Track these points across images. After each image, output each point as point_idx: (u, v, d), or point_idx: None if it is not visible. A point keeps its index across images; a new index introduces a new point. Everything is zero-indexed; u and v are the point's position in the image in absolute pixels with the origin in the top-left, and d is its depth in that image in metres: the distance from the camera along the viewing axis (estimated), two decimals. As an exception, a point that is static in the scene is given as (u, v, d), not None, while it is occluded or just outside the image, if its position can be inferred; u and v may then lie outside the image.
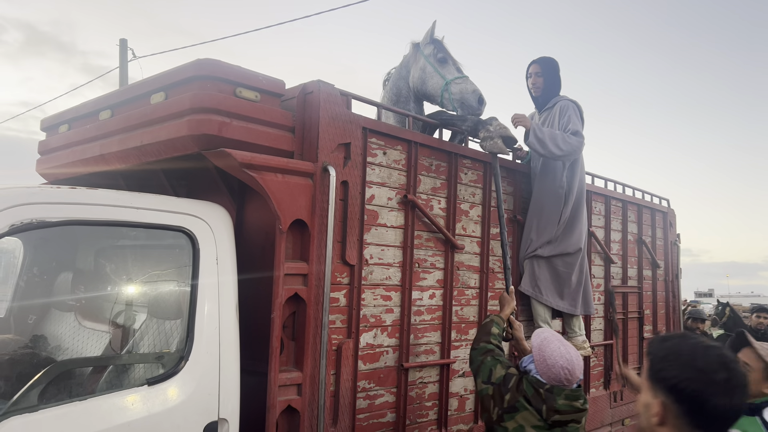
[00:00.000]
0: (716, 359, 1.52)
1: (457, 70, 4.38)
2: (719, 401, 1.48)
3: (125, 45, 14.55)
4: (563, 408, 2.66)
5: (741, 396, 1.51)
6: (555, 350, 2.74)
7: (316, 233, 3.10)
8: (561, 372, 2.69)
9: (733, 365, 1.53)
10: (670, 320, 6.72)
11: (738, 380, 1.51)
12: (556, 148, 4.35)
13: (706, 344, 1.59)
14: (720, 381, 1.49)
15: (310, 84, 3.22)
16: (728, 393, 1.49)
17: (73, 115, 3.77)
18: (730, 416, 1.51)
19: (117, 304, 3.15)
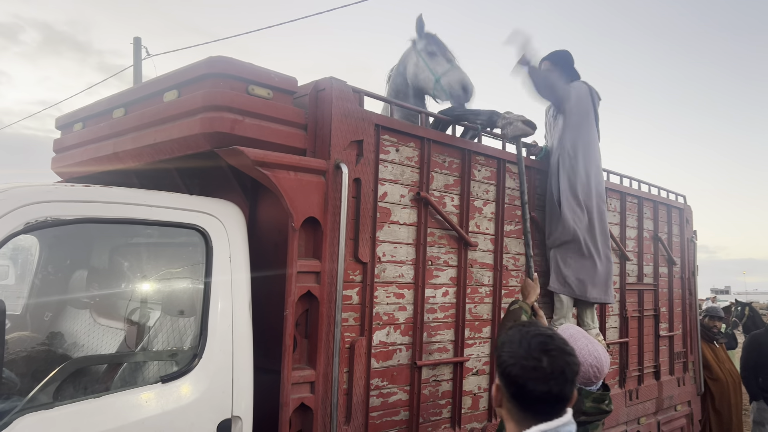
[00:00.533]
0: (538, 347, 1.62)
1: (447, 61, 4.40)
2: (537, 386, 1.58)
3: (139, 43, 14.64)
4: (590, 410, 2.65)
5: (559, 383, 1.58)
6: (583, 348, 2.69)
7: (328, 231, 3.09)
8: (590, 370, 2.66)
9: (555, 353, 1.61)
10: (686, 318, 6.64)
11: (556, 367, 1.59)
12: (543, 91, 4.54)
13: (537, 333, 1.68)
14: (538, 367, 1.58)
15: (322, 81, 3.21)
16: (545, 379, 1.58)
17: (87, 113, 3.79)
18: (550, 401, 1.59)
19: (131, 301, 3.16)
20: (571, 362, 1.64)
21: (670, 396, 6.05)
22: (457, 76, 4.31)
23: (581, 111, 4.61)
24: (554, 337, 1.68)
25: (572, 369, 1.63)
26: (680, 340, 6.48)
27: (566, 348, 1.66)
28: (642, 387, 5.66)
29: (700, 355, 6.79)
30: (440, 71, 4.35)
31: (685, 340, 6.59)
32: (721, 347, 7.31)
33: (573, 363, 1.64)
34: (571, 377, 1.62)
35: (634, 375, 5.62)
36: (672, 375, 6.19)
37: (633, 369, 5.59)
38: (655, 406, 5.82)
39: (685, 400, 6.40)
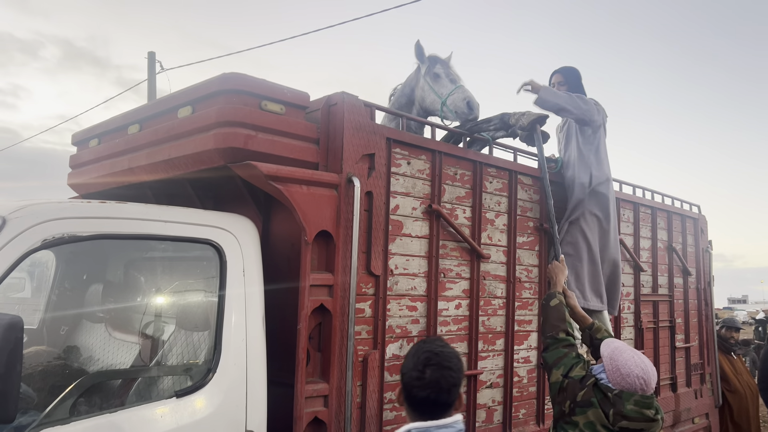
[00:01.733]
0: (423, 359, 2.02)
1: (451, 82, 4.48)
2: (418, 393, 2.00)
3: (153, 58, 14.83)
4: (632, 414, 2.63)
5: (435, 391, 1.98)
6: (629, 359, 2.70)
7: (341, 244, 3.11)
8: (636, 381, 2.65)
9: (434, 367, 1.99)
10: (702, 329, 6.56)
11: (433, 379, 1.98)
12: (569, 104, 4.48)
13: (426, 350, 2.07)
14: (420, 378, 1.99)
15: (334, 96, 3.24)
16: (423, 387, 1.99)
17: (103, 129, 3.85)
18: (429, 405, 1.99)
19: (146, 315, 3.19)
20: (446, 375, 2.00)
21: (687, 408, 5.97)
22: (462, 95, 4.36)
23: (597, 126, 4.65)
24: (440, 353, 2.05)
25: (447, 380, 2.00)
26: (697, 351, 6.40)
27: (445, 363, 2.02)
28: (659, 399, 5.59)
29: (718, 367, 6.69)
30: (445, 93, 4.43)
31: (702, 351, 6.51)
32: (738, 358, 7.21)
33: (449, 375, 2.01)
34: (446, 387, 1.99)
35: (650, 387, 5.56)
36: (689, 387, 6.11)
37: (649, 381, 5.53)
38: (672, 419, 5.74)
39: (703, 413, 6.31)
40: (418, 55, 4.63)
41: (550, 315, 3.36)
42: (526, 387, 4.22)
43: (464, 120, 4.33)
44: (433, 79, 4.52)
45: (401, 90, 4.85)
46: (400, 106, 4.76)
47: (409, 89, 4.75)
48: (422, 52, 4.61)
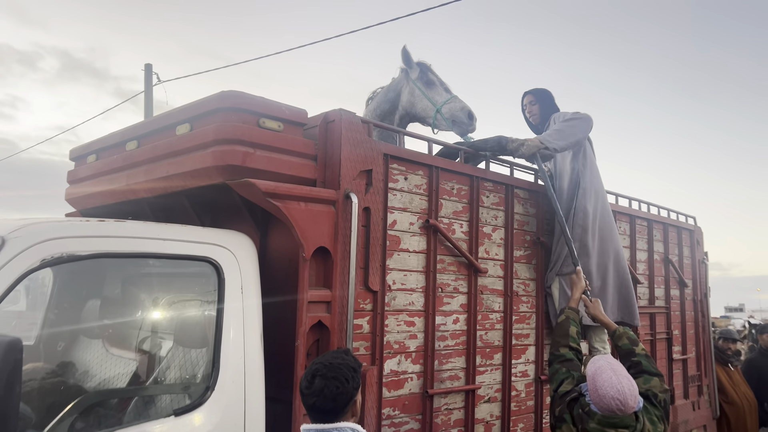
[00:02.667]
0: (312, 371, 2.27)
1: (446, 91, 4.51)
2: (306, 401, 2.25)
3: (150, 70, 14.87)
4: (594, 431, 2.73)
5: (320, 399, 2.20)
6: (606, 380, 2.73)
7: (339, 260, 3.12)
8: (612, 402, 2.68)
9: (319, 378, 2.22)
10: (699, 340, 6.57)
11: (314, 390, 2.22)
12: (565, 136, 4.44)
13: (317, 362, 2.30)
14: (308, 386, 2.24)
15: (331, 113, 3.26)
16: (308, 396, 2.24)
17: (101, 145, 3.86)
18: (317, 411, 2.24)
19: (143, 331, 3.19)
20: (330, 385, 2.21)
21: (685, 420, 5.97)
22: (460, 104, 4.40)
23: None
24: (329, 365, 2.27)
25: (331, 390, 2.20)
26: (694, 363, 6.41)
27: (329, 374, 2.23)
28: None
29: (715, 378, 6.70)
30: (440, 101, 4.44)
31: (699, 363, 6.52)
32: (736, 370, 7.21)
33: (332, 386, 2.21)
34: (330, 396, 2.20)
35: (648, 399, 5.56)
36: (687, 399, 6.12)
37: (647, 393, 5.53)
38: (670, 431, 5.74)
39: (701, 425, 6.31)
40: (405, 60, 4.63)
41: (555, 331, 3.48)
42: (524, 401, 4.22)
43: (462, 131, 4.35)
44: (426, 85, 4.52)
45: (383, 94, 4.81)
46: (382, 112, 4.75)
47: (394, 94, 4.72)
48: (410, 57, 4.62)
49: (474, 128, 4.35)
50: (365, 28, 10.34)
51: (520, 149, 4.13)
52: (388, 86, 4.84)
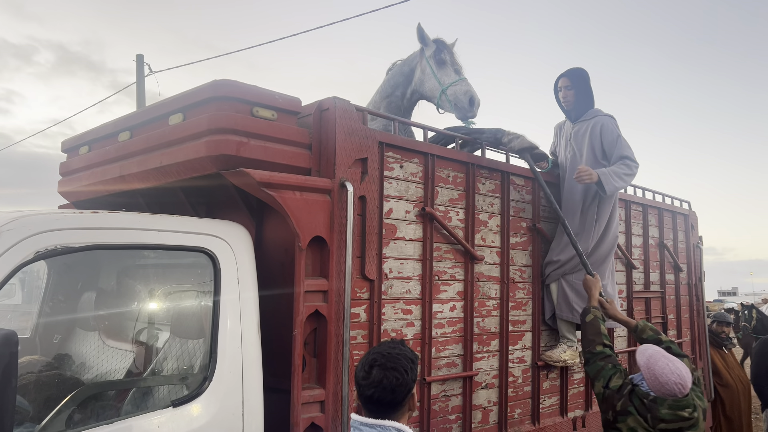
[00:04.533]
0: (370, 360, 2.15)
1: (455, 72, 4.42)
2: (364, 391, 2.13)
3: (141, 61, 14.75)
4: (667, 417, 2.85)
5: (378, 390, 2.09)
6: (664, 367, 2.89)
7: (335, 249, 3.11)
8: (675, 387, 2.86)
9: (378, 368, 2.10)
10: (694, 324, 6.62)
11: (376, 379, 2.09)
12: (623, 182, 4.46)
13: (374, 352, 2.20)
14: (366, 377, 2.12)
15: (325, 101, 3.23)
16: (368, 386, 2.11)
17: (93, 136, 3.82)
18: (374, 402, 2.12)
19: (140, 323, 3.18)
20: (390, 375, 2.10)
21: (680, 404, 6.02)
22: (464, 87, 4.32)
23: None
24: (387, 354, 2.16)
25: (390, 381, 2.09)
26: (689, 346, 6.46)
27: (389, 364, 2.12)
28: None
29: (710, 362, 6.75)
30: (447, 81, 4.37)
31: (694, 346, 6.57)
32: (730, 353, 7.27)
33: (392, 376, 2.10)
34: (389, 387, 2.09)
35: (644, 383, 5.60)
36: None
37: (642, 377, 5.57)
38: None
39: (696, 408, 6.36)
40: (421, 38, 4.54)
41: (587, 330, 3.52)
42: (521, 387, 4.24)
43: (462, 115, 4.30)
44: (438, 64, 4.43)
45: (399, 67, 4.75)
46: (396, 84, 4.70)
47: (409, 68, 4.66)
48: (424, 34, 4.52)
49: (474, 114, 4.29)
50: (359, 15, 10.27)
51: (513, 141, 4.10)
52: (405, 60, 4.77)
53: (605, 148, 4.55)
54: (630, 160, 4.46)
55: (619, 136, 4.53)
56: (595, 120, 4.63)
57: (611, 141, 4.51)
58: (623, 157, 4.47)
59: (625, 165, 4.44)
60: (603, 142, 4.55)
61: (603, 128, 4.56)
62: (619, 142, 4.51)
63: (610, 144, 4.52)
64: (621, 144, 4.50)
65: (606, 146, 4.54)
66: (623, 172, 4.42)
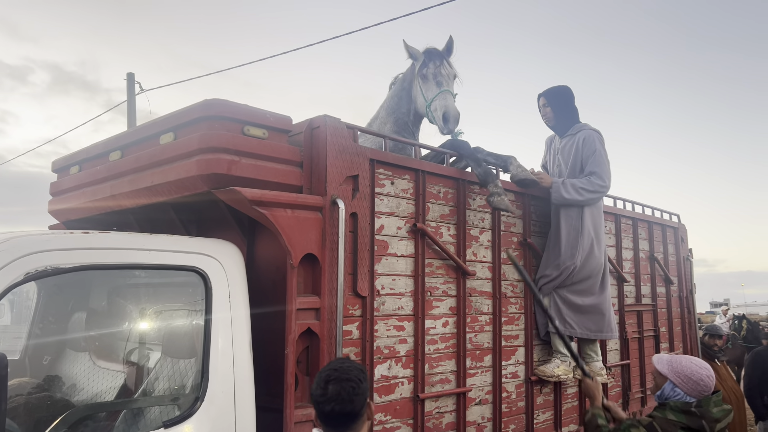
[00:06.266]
0: (324, 378, 2.14)
1: (437, 85, 4.34)
2: (320, 408, 2.12)
3: (132, 79, 14.77)
4: (720, 415, 2.79)
5: (338, 403, 2.07)
6: (689, 365, 2.86)
7: (327, 266, 3.11)
8: (709, 381, 2.82)
9: (334, 382, 2.11)
10: (686, 337, 6.64)
11: (330, 396, 2.09)
12: (579, 195, 4.48)
13: (327, 368, 2.20)
14: (323, 394, 2.11)
15: (316, 119, 3.26)
16: (324, 403, 2.10)
17: (84, 156, 3.82)
18: (334, 417, 2.10)
19: (131, 343, 3.16)
20: (346, 386, 2.11)
21: (674, 417, 6.02)
22: (441, 102, 4.24)
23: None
24: (339, 368, 2.18)
25: (347, 391, 2.10)
26: (681, 359, 6.46)
27: (342, 377, 2.13)
28: (646, 409, 5.63)
29: (703, 374, 6.75)
30: (430, 96, 4.33)
31: (687, 359, 6.58)
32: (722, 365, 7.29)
33: (348, 387, 2.11)
34: (347, 398, 2.09)
35: (637, 397, 5.60)
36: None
37: (636, 391, 5.58)
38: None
39: (690, 420, 6.36)
40: (409, 53, 4.52)
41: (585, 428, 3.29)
42: (515, 402, 4.23)
43: (440, 130, 4.29)
44: (422, 79, 4.41)
45: (400, 83, 4.71)
46: (399, 99, 4.63)
47: (408, 84, 4.63)
48: (411, 50, 4.50)
49: (449, 130, 4.22)
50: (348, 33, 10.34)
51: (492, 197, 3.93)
52: (404, 74, 4.73)
53: (583, 161, 4.63)
54: (597, 176, 4.52)
55: (596, 150, 4.59)
56: (580, 134, 4.73)
57: (588, 155, 4.61)
58: (591, 173, 4.55)
59: (588, 180, 4.52)
60: (582, 156, 4.63)
61: (584, 141, 4.66)
62: (593, 158, 4.58)
63: (586, 158, 4.62)
64: (595, 160, 4.57)
65: (583, 159, 4.63)
66: (581, 186, 4.48)
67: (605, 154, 4.65)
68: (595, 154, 4.58)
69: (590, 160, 4.58)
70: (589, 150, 4.60)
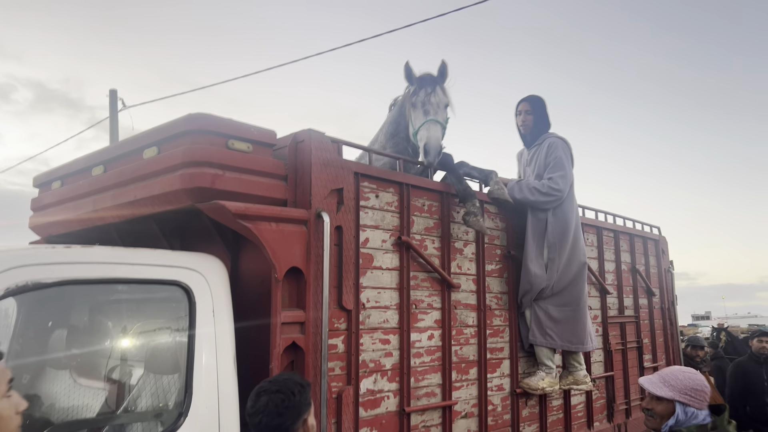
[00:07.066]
0: (256, 390, 2.16)
1: (424, 113, 4.25)
2: (251, 422, 2.13)
3: (115, 95, 14.68)
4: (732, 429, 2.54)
5: (267, 416, 2.08)
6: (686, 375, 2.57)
7: (311, 280, 3.10)
8: (706, 385, 2.55)
9: (264, 394, 2.11)
10: (669, 348, 6.69)
11: (258, 408, 2.10)
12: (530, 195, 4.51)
13: (272, 378, 2.21)
14: (253, 406, 2.12)
15: (301, 133, 3.27)
16: (252, 415, 2.11)
17: (66, 171, 3.79)
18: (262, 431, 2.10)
19: (112, 360, 3.11)
20: (275, 399, 2.09)
21: (658, 428, 6.04)
22: (424, 133, 4.15)
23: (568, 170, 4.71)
24: (273, 381, 2.18)
25: (275, 403, 2.09)
26: (665, 370, 6.50)
27: (273, 388, 2.13)
28: (630, 420, 5.66)
29: (686, 385, 6.80)
30: (417, 125, 4.26)
31: (670, 370, 6.62)
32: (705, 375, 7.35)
33: (277, 399, 2.09)
34: (275, 410, 2.08)
35: (622, 409, 5.62)
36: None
37: (620, 403, 5.60)
38: (644, 439, 5.80)
39: (674, 431, 6.39)
40: (407, 76, 4.46)
41: None
42: (501, 415, 4.23)
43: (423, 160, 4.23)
44: (413, 107, 4.35)
45: (399, 107, 4.65)
46: (398, 124, 4.58)
47: (398, 113, 4.62)
48: (411, 73, 4.44)
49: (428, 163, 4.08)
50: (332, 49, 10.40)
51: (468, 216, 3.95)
52: (400, 102, 4.66)
53: (545, 168, 4.69)
54: (553, 181, 4.56)
55: (557, 157, 4.65)
56: (545, 142, 4.79)
57: (549, 161, 4.67)
58: (549, 177, 4.60)
59: (542, 183, 4.57)
60: (545, 162, 4.70)
61: (548, 148, 4.73)
62: (553, 164, 4.64)
63: (548, 164, 4.68)
64: (554, 165, 4.64)
65: (546, 166, 4.69)
66: (533, 186, 4.54)
67: (566, 160, 4.68)
68: (556, 159, 4.64)
69: (550, 165, 4.65)
70: (551, 156, 4.68)
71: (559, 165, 4.62)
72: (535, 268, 4.47)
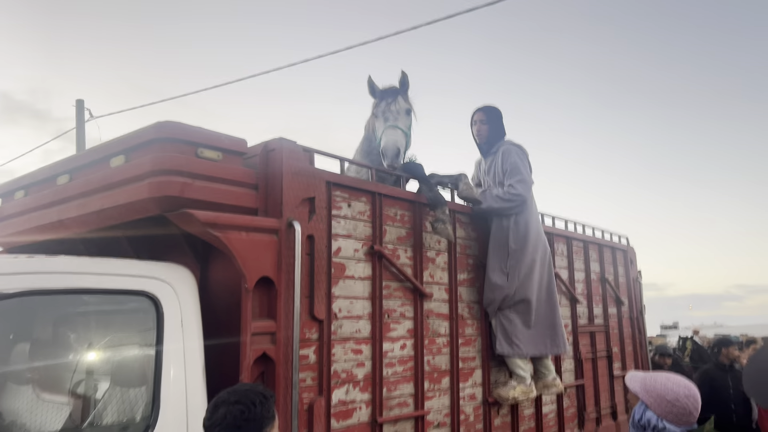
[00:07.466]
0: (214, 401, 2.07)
1: (384, 121, 4.33)
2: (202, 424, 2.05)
3: (82, 106, 14.44)
4: None
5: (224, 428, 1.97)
6: (666, 382, 2.37)
7: (283, 290, 3.08)
8: (687, 403, 2.31)
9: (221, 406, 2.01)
10: (638, 357, 6.79)
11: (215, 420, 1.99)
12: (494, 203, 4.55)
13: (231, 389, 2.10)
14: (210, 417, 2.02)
15: (272, 141, 3.25)
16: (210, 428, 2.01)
17: (30, 180, 3.70)
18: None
19: (77, 373, 3.03)
20: (233, 410, 1.98)
21: (628, 436, 6.11)
22: (384, 139, 4.23)
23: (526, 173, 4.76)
24: (232, 392, 2.08)
25: (234, 415, 1.97)
26: (634, 378, 6.59)
27: (231, 399, 2.02)
28: (600, 428, 5.72)
29: (654, 393, 6.90)
30: (379, 134, 4.33)
31: (639, 378, 6.71)
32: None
33: (236, 410, 1.98)
34: (233, 423, 1.97)
35: (593, 417, 5.68)
36: (628, 414, 6.27)
37: (591, 411, 5.65)
38: (615, 447, 5.86)
39: (644, 439, 6.46)
40: (371, 91, 4.53)
41: None
42: (473, 425, 4.23)
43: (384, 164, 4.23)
44: (376, 118, 4.44)
45: (369, 122, 4.67)
46: (370, 141, 4.57)
47: (372, 122, 4.61)
48: (374, 87, 4.51)
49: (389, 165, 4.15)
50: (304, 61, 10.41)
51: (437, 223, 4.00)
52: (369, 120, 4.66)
53: (503, 175, 4.75)
54: (512, 187, 4.62)
55: (513, 163, 4.71)
56: (500, 150, 4.85)
57: (506, 168, 4.73)
58: (509, 185, 4.66)
59: (503, 191, 4.63)
60: (502, 170, 4.75)
61: (503, 155, 4.79)
62: (510, 170, 4.70)
63: (505, 171, 4.74)
64: (511, 171, 4.70)
65: (503, 173, 4.74)
66: (497, 194, 4.61)
67: (522, 165, 4.74)
68: (512, 165, 4.70)
69: (508, 171, 4.71)
70: (508, 163, 4.73)
71: (515, 170, 4.68)
72: (496, 278, 4.48)
